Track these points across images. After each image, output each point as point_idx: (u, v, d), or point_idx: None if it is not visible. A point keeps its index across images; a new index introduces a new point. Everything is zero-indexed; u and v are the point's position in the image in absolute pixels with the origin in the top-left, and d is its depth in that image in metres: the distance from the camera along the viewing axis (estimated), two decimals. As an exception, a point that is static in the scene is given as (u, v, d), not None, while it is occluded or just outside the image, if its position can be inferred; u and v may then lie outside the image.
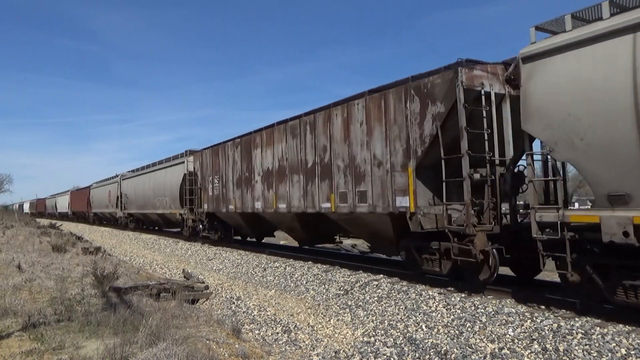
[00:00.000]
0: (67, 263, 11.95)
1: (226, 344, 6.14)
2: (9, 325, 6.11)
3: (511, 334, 6.15)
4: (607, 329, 5.70)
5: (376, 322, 7.73)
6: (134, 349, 4.95)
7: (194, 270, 14.30)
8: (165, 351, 4.74)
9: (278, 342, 7.81)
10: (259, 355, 6.59)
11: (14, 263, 11.30)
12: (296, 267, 12.08)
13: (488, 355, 5.83)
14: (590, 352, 5.32)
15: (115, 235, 29.77)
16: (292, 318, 8.69)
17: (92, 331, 5.80)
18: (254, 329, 8.54)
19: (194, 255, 17.38)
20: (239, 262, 14.32)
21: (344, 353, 6.83)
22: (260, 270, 12.75)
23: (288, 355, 7.18)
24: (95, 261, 11.62)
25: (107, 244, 24.45)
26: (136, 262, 17.71)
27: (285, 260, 13.33)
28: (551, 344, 5.66)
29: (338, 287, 9.77)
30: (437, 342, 6.42)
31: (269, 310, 9.31)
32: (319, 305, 9.23)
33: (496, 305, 7.06)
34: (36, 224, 34.98)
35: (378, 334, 7.25)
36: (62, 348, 5.16)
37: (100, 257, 14.16)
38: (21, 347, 5.16)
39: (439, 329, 6.83)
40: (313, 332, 7.91)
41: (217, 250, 17.40)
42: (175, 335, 5.57)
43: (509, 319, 6.53)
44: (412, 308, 7.73)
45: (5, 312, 6.60)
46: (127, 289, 8.52)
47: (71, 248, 15.84)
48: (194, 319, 7.19)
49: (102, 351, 4.90)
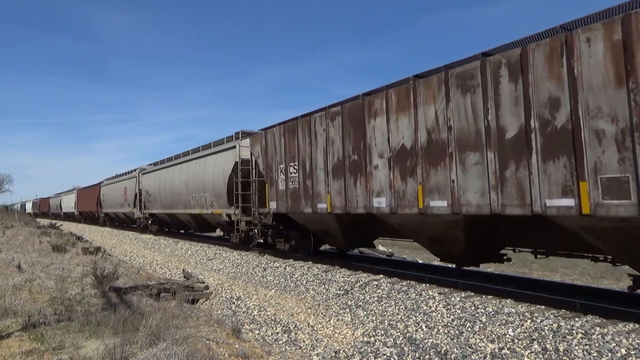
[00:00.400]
0: (67, 263, 11.94)
1: (226, 344, 6.14)
2: (9, 325, 6.11)
3: (511, 334, 6.16)
4: (607, 329, 5.70)
5: (376, 322, 7.73)
6: (134, 349, 4.95)
7: (194, 270, 14.30)
8: (165, 351, 4.74)
9: (278, 342, 7.81)
10: (259, 355, 6.58)
11: (14, 263, 11.29)
12: (296, 267, 12.08)
13: (488, 355, 5.83)
14: (590, 352, 5.32)
15: (115, 235, 29.77)
16: (292, 318, 8.69)
17: (92, 331, 5.80)
18: (254, 329, 8.54)
19: (194, 255, 17.39)
20: (239, 262, 14.33)
21: (344, 353, 6.83)
22: (260, 270, 12.75)
23: (288, 355, 7.18)
24: (95, 261, 11.62)
25: (107, 244, 24.45)
26: (136, 262, 17.70)
27: (285, 260, 13.33)
28: (551, 344, 5.67)
29: (338, 287, 9.77)
30: (437, 342, 6.42)
31: (269, 310, 9.31)
32: (319, 305, 9.23)
33: (496, 305, 7.06)
34: (36, 224, 34.90)
35: (378, 334, 7.25)
36: (62, 348, 5.16)
37: (100, 257, 14.15)
38: (21, 347, 5.16)
39: (439, 329, 6.83)
40: (313, 332, 7.91)
41: (217, 250, 17.40)
42: (175, 335, 5.57)
43: (509, 319, 6.53)
44: (412, 308, 7.73)
45: (5, 312, 6.60)
46: (127, 289, 8.52)
47: (71, 248, 15.83)
48: (194, 319, 7.19)
49: (102, 351, 4.90)
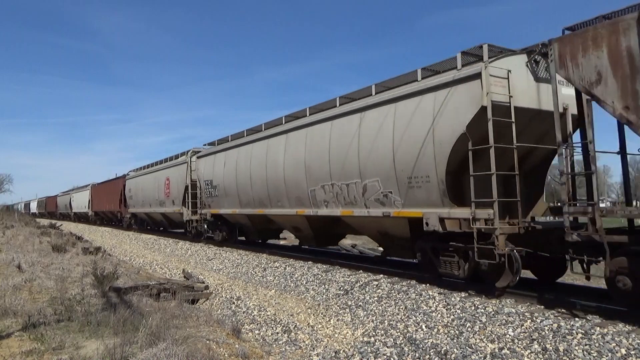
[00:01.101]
0: (67, 263, 11.94)
1: (226, 344, 6.14)
2: (9, 325, 6.11)
3: (511, 334, 6.15)
4: (607, 329, 5.70)
5: (376, 322, 7.73)
6: (134, 349, 4.95)
7: (194, 270, 14.30)
8: (165, 351, 4.74)
9: (278, 342, 7.81)
10: (259, 355, 6.58)
11: (14, 263, 11.29)
12: (296, 267, 12.08)
13: (488, 355, 5.83)
14: (590, 352, 5.32)
15: (116, 235, 29.77)
16: (292, 318, 8.69)
17: (92, 331, 5.80)
18: (254, 329, 8.54)
19: (194, 255, 17.39)
20: (238, 262, 14.33)
21: (344, 353, 6.82)
22: (260, 270, 12.75)
23: (288, 355, 7.18)
24: (95, 261, 11.61)
25: (107, 244, 24.45)
26: (136, 262, 17.71)
27: (285, 260, 13.34)
28: (551, 344, 5.66)
29: (338, 287, 9.77)
30: (437, 342, 6.42)
31: (269, 310, 9.31)
32: (319, 305, 9.23)
33: (496, 305, 7.06)
34: (36, 224, 34.84)
35: (378, 334, 7.25)
36: (62, 348, 5.16)
37: (100, 257, 14.16)
38: (21, 347, 5.16)
39: (439, 329, 6.83)
40: (313, 332, 7.91)
41: (217, 250, 17.40)
42: (175, 335, 5.57)
43: (509, 319, 6.53)
44: (412, 308, 7.73)
45: (5, 312, 6.59)
46: (127, 289, 8.51)
47: (71, 248, 15.83)
48: (194, 319, 7.19)
49: (102, 351, 4.90)
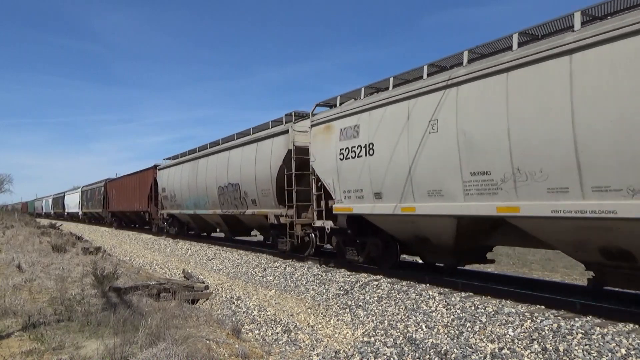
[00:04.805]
0: (67, 263, 11.94)
1: (226, 344, 6.15)
2: (9, 325, 6.11)
3: (511, 334, 6.15)
4: (607, 329, 5.70)
5: (376, 322, 7.73)
6: (134, 349, 4.95)
7: (194, 270, 14.30)
8: (165, 351, 4.74)
9: (278, 342, 7.81)
10: (259, 355, 6.59)
11: (14, 263, 11.30)
12: (296, 267, 12.09)
13: (488, 355, 5.83)
14: (590, 352, 5.32)
15: (116, 236, 29.77)
16: (292, 318, 8.69)
17: (92, 331, 5.80)
18: (254, 329, 8.54)
19: (194, 255, 17.39)
20: (238, 262, 14.33)
21: (344, 353, 6.82)
22: (260, 270, 12.75)
23: (288, 355, 7.18)
24: (95, 261, 11.60)
25: (107, 244, 24.44)
26: (136, 262, 17.71)
27: (285, 260, 13.34)
28: (551, 344, 5.67)
29: (338, 287, 9.77)
30: (437, 342, 6.42)
31: (269, 310, 9.31)
32: (319, 305, 9.23)
33: (496, 305, 7.06)
34: (36, 224, 34.81)
35: (378, 334, 7.25)
36: (62, 348, 5.16)
37: (100, 257, 14.15)
38: (21, 347, 5.16)
39: (439, 329, 6.83)
40: (313, 332, 7.91)
41: (217, 250, 17.40)
42: (175, 335, 5.57)
43: (509, 319, 6.53)
44: (412, 308, 7.73)
45: (5, 312, 6.59)
46: (127, 289, 8.51)
47: (71, 248, 15.82)
48: (194, 319, 7.19)
49: (102, 351, 4.90)
